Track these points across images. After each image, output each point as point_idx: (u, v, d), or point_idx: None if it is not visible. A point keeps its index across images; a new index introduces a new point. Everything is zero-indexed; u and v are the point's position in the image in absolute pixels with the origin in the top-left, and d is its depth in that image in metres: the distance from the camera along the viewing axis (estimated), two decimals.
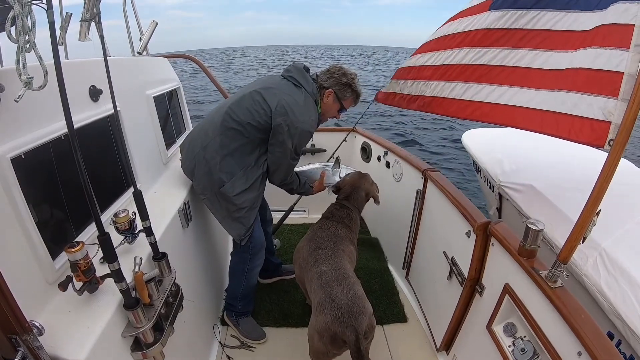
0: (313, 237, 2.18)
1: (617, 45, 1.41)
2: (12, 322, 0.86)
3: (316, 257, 2.00)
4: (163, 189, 2.19)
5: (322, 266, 1.92)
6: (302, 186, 2.44)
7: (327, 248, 2.05)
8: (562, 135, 1.56)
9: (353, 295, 1.72)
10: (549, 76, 1.68)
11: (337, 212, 2.34)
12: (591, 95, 1.45)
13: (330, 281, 1.80)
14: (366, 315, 1.69)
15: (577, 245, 1.37)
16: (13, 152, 1.10)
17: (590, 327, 1.26)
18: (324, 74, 2.20)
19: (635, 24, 1.33)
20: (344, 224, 2.28)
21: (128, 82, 2.08)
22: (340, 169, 2.58)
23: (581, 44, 1.57)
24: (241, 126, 2.01)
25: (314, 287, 1.86)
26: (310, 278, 1.93)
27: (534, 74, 1.78)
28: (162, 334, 1.33)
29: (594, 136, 1.43)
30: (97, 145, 1.66)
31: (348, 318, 1.63)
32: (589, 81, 1.48)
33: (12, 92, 1.05)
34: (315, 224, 2.34)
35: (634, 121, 1.25)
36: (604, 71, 1.43)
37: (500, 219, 1.88)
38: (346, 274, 1.86)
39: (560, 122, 1.56)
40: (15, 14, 0.95)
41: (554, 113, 1.61)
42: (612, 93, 1.40)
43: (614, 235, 2.37)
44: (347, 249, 2.15)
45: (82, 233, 1.42)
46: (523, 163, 3.57)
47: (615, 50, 1.41)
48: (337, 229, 2.23)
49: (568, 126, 1.53)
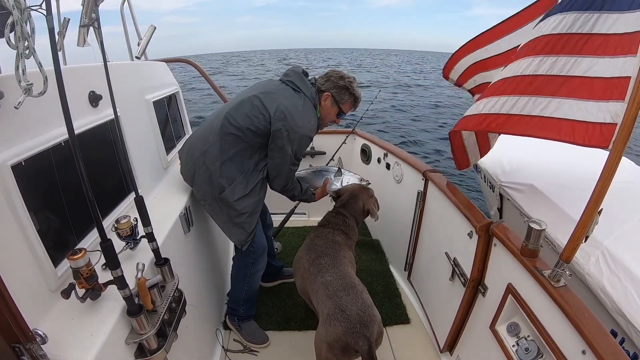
0: (311, 246, 2.17)
1: (627, 53, 1.43)
2: (15, 331, 0.85)
3: (319, 267, 1.99)
4: (164, 194, 2.18)
5: (327, 276, 1.90)
6: (304, 193, 2.43)
7: (328, 256, 2.04)
8: (577, 142, 1.56)
9: (362, 304, 1.71)
10: (571, 85, 1.65)
11: (333, 219, 2.34)
12: (603, 101, 1.47)
13: (337, 291, 1.79)
14: (376, 323, 1.68)
15: (580, 245, 1.37)
16: (13, 159, 1.10)
17: (594, 326, 1.26)
18: (322, 77, 2.19)
19: None
20: (340, 230, 2.27)
21: (127, 87, 2.08)
22: (342, 177, 2.57)
23: (584, 50, 1.57)
24: (240, 131, 2.00)
25: (320, 298, 1.84)
26: (316, 289, 1.90)
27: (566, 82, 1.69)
28: (166, 340, 1.32)
29: (602, 139, 1.44)
30: (98, 151, 1.66)
31: (360, 328, 1.62)
32: (603, 89, 1.50)
33: (12, 98, 1.05)
34: (312, 232, 2.33)
35: (634, 120, 1.26)
36: (616, 78, 1.45)
37: (501, 219, 1.88)
38: (353, 283, 1.85)
39: (576, 128, 1.57)
40: (15, 20, 0.94)
41: (559, 119, 1.61)
42: (619, 97, 1.41)
43: (615, 234, 2.37)
44: (348, 255, 2.14)
45: (84, 240, 1.41)
46: (523, 162, 3.58)
47: (626, 57, 1.43)
48: (334, 235, 2.22)
49: (582, 132, 1.53)
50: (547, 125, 1.69)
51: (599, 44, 1.54)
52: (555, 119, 1.65)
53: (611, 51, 1.49)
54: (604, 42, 1.52)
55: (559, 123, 1.64)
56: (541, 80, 1.71)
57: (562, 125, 1.63)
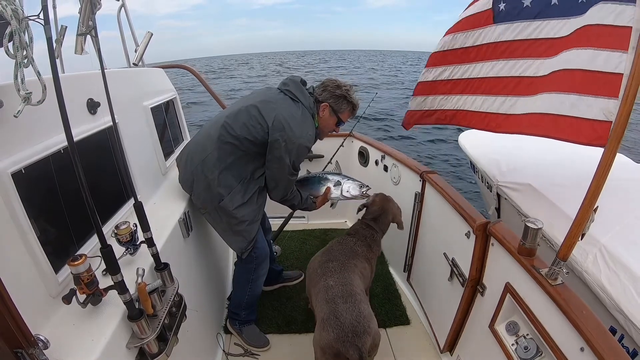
0: (328, 250, 2.18)
1: (615, 47, 1.42)
2: (17, 336, 0.86)
3: (325, 270, 1.99)
4: (163, 200, 2.19)
5: (330, 280, 1.90)
6: (305, 202, 2.42)
7: (338, 261, 2.04)
8: (561, 137, 1.57)
9: (358, 314, 1.71)
10: (547, 81, 1.70)
11: (362, 230, 2.33)
12: (590, 96, 1.46)
13: (336, 297, 1.79)
14: (370, 334, 1.67)
15: (576, 243, 1.38)
16: (14, 167, 1.11)
17: (592, 323, 1.27)
18: (318, 87, 2.18)
19: (633, 27, 1.35)
20: (365, 242, 2.26)
21: (125, 94, 2.09)
22: (342, 185, 2.56)
23: (575, 44, 1.58)
24: (238, 140, 2.00)
25: (319, 300, 1.85)
26: (317, 291, 1.91)
27: (538, 82, 1.81)
28: (167, 344, 1.33)
29: (594, 136, 1.44)
30: (97, 158, 1.67)
31: (352, 337, 1.62)
32: (586, 82, 1.49)
33: (11, 107, 1.06)
34: (337, 238, 2.33)
35: (628, 118, 1.26)
36: (601, 72, 1.45)
37: (499, 219, 1.89)
38: (353, 291, 1.84)
39: (560, 123, 1.57)
40: (13, 30, 0.95)
41: (553, 115, 1.62)
42: (612, 94, 1.41)
43: (613, 231, 2.38)
44: (361, 265, 2.13)
45: (84, 246, 1.42)
46: (520, 162, 3.58)
47: (613, 52, 1.42)
48: (355, 245, 2.21)
49: (567, 127, 1.54)
50: (531, 121, 1.73)
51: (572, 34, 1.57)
52: (537, 114, 1.69)
53: (595, 43, 1.50)
54: (582, 34, 1.54)
55: (541, 118, 1.67)
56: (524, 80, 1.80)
57: (544, 119, 1.65)
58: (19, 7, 0.97)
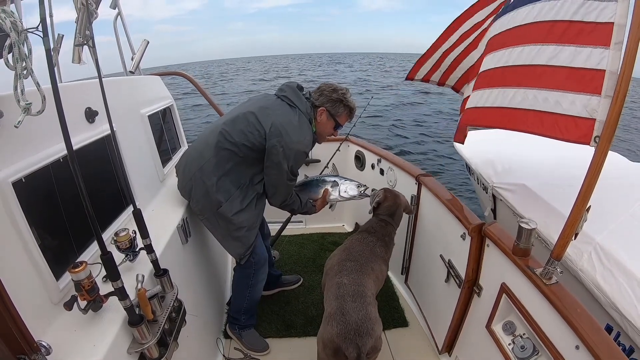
0: (348, 248, 2.16)
1: (596, 43, 1.42)
2: (20, 343, 0.87)
3: (342, 268, 1.99)
4: (161, 206, 2.20)
5: (345, 278, 1.90)
6: (304, 205, 2.42)
7: (357, 262, 2.03)
8: (546, 134, 1.57)
9: (364, 315, 1.71)
10: (529, 73, 1.69)
11: (381, 229, 2.29)
12: (573, 93, 1.46)
13: (346, 295, 1.79)
14: (372, 337, 1.68)
15: (570, 242, 1.40)
16: (14, 176, 1.12)
17: (586, 321, 1.28)
18: (315, 92, 2.19)
19: (614, 22, 1.36)
20: (384, 242, 2.24)
21: (122, 102, 2.11)
22: (340, 186, 2.57)
23: (557, 39, 1.58)
24: (236, 147, 2.02)
25: (330, 296, 1.86)
26: (330, 287, 1.92)
27: (517, 71, 1.79)
28: (167, 348, 1.34)
29: (579, 133, 1.43)
30: (95, 166, 1.69)
31: (354, 335, 1.63)
32: (569, 79, 1.49)
33: (11, 117, 1.08)
34: (356, 234, 2.30)
35: (619, 117, 1.28)
36: (584, 69, 1.45)
37: (494, 220, 1.91)
38: (364, 292, 1.84)
39: (545, 120, 1.57)
40: (12, 42, 0.97)
41: (537, 112, 1.62)
42: (594, 90, 1.40)
43: (607, 229, 2.41)
44: (378, 267, 2.11)
45: (84, 253, 1.43)
46: (514, 163, 3.62)
47: (595, 48, 1.42)
48: (375, 245, 2.18)
49: (552, 124, 1.53)
50: (514, 115, 1.73)
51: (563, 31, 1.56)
52: (521, 110, 1.69)
53: (577, 39, 1.50)
54: (568, 29, 1.54)
55: (526, 114, 1.67)
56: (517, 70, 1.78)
57: (529, 115, 1.65)
58: (18, 20, 0.99)
